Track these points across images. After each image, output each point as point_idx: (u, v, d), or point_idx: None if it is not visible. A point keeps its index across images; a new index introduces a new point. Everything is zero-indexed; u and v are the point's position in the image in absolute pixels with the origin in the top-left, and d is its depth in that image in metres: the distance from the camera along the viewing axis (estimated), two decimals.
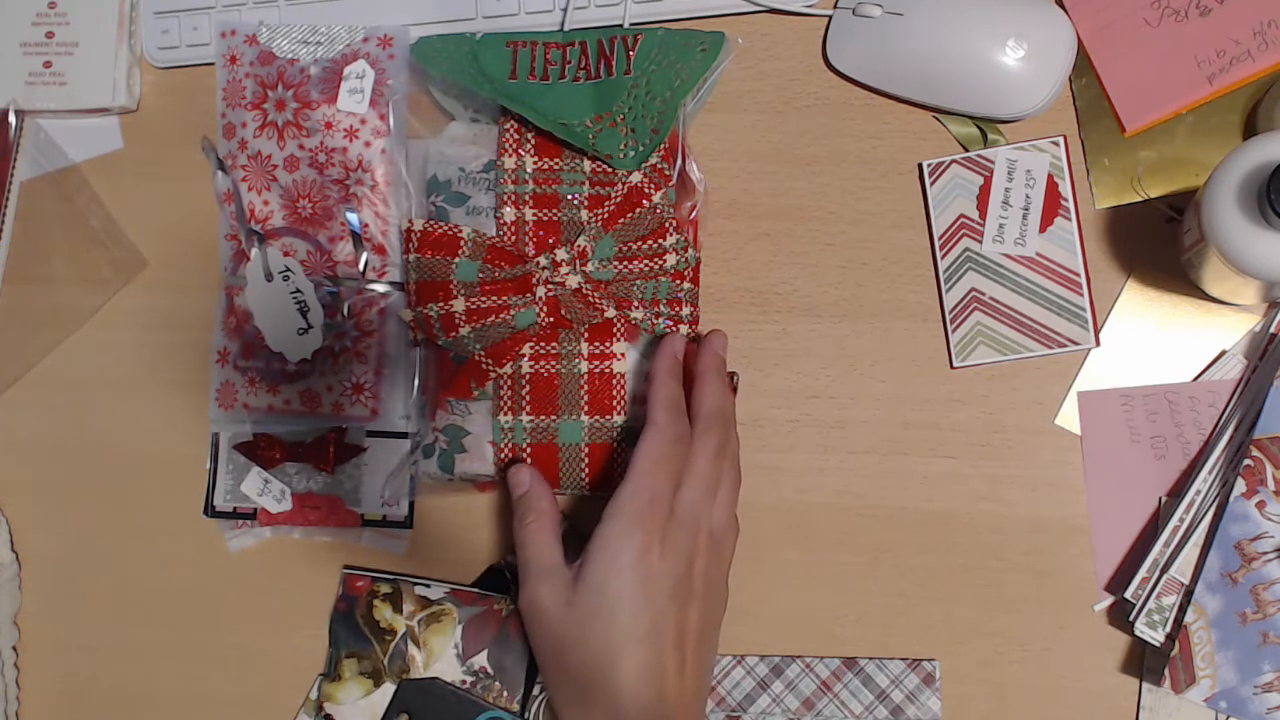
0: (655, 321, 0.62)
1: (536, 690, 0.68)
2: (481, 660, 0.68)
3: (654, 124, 0.61)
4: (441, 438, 0.62)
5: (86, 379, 0.76)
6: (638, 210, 0.61)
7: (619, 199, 0.61)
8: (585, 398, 0.60)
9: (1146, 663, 0.64)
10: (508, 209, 0.62)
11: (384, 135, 0.71)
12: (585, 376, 0.61)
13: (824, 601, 0.68)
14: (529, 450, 0.61)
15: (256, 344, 0.71)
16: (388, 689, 0.69)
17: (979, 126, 0.68)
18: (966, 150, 0.68)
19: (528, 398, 0.60)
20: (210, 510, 0.72)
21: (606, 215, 0.61)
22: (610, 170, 0.63)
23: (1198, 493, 0.63)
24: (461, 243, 0.62)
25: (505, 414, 0.61)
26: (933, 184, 0.68)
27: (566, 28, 0.71)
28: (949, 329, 0.67)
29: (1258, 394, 0.62)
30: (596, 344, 0.61)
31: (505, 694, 0.68)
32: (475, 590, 0.69)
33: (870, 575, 0.68)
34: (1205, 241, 0.57)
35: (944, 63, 0.66)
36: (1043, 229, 0.66)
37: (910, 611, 0.67)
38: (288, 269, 0.70)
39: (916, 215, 0.69)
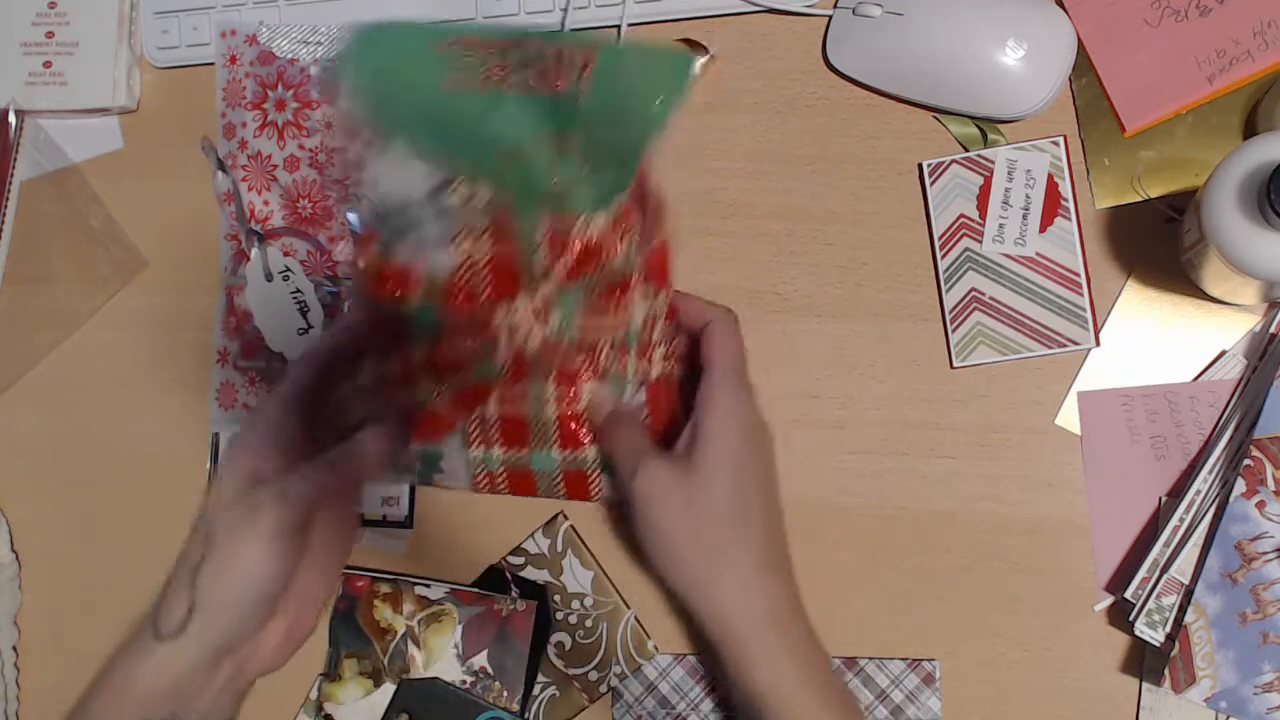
0: (625, 366, 0.56)
1: (537, 690, 0.68)
2: (481, 660, 0.68)
3: (614, 169, 0.53)
4: (418, 462, 0.59)
5: (86, 379, 0.76)
6: (600, 264, 0.54)
7: (579, 248, 0.54)
8: (555, 436, 0.57)
9: (1146, 663, 0.64)
10: (463, 242, 0.54)
11: None
12: (555, 420, 0.57)
13: (824, 601, 0.68)
14: (504, 477, 0.59)
15: (257, 344, 0.71)
16: (388, 689, 0.69)
17: (979, 126, 0.68)
18: (966, 150, 0.68)
19: (498, 435, 0.58)
20: None
21: (568, 267, 0.54)
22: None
23: (1198, 493, 0.63)
24: (415, 283, 0.55)
25: (476, 448, 0.58)
26: (933, 184, 0.68)
27: (567, 28, 0.71)
28: (949, 329, 0.67)
29: (1258, 394, 0.62)
30: (563, 387, 0.57)
31: (505, 694, 0.68)
32: (475, 590, 0.69)
33: (870, 575, 0.68)
34: (1205, 241, 0.57)
35: (944, 63, 0.66)
36: (1043, 229, 0.66)
37: (910, 611, 0.67)
38: (288, 269, 0.71)
39: (916, 215, 0.69)
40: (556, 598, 0.70)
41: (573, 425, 0.57)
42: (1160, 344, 0.66)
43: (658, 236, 0.56)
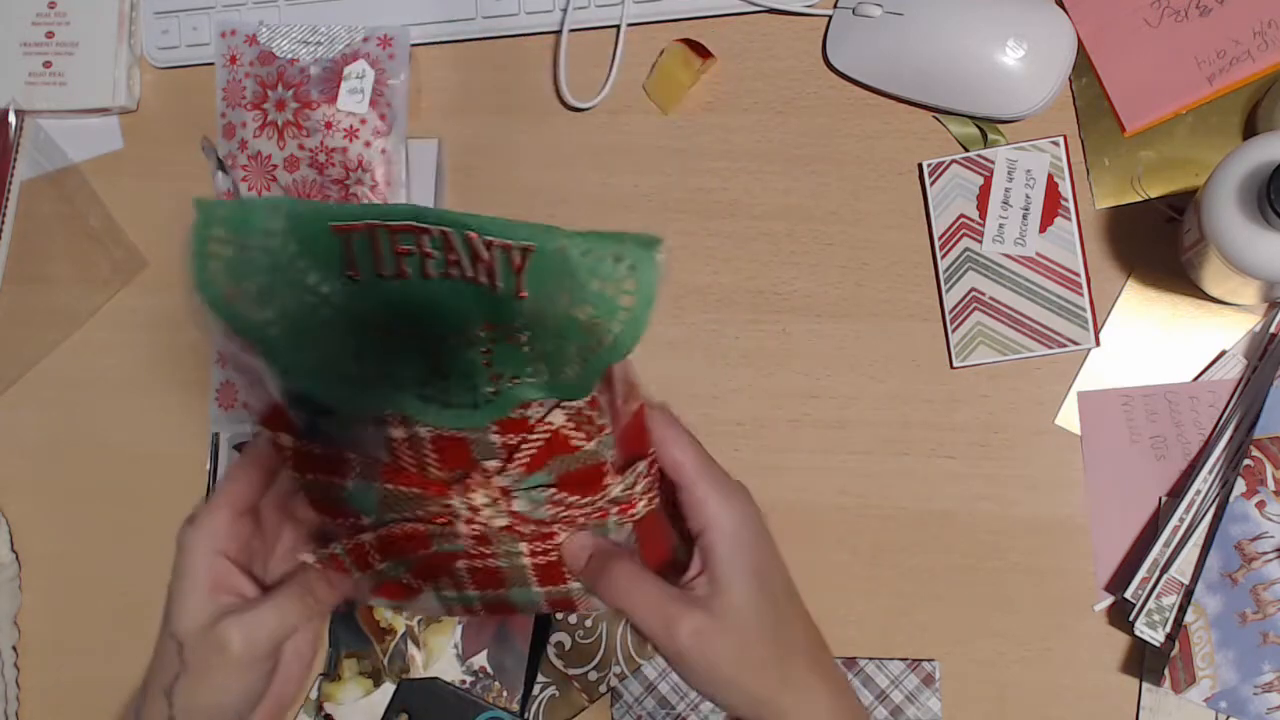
0: (604, 520, 0.49)
1: (537, 690, 0.68)
2: (481, 660, 0.68)
3: (570, 371, 0.42)
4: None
5: (86, 379, 0.76)
6: (564, 455, 0.45)
7: (540, 442, 0.45)
8: (534, 578, 0.51)
9: (1146, 663, 0.64)
10: (394, 427, 0.45)
11: (384, 135, 0.71)
12: (529, 568, 0.50)
13: (824, 601, 0.68)
14: (481, 609, 0.53)
15: None
16: (388, 689, 0.69)
17: (979, 126, 0.68)
18: (966, 150, 0.68)
19: (470, 581, 0.51)
20: None
21: (527, 460, 0.45)
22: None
23: (1198, 493, 0.63)
24: (348, 465, 0.46)
25: (449, 590, 0.52)
26: (933, 184, 0.68)
27: (567, 28, 0.71)
28: (949, 329, 0.67)
29: (1258, 394, 0.62)
30: (538, 544, 0.49)
31: (505, 694, 0.68)
32: None
33: (870, 575, 0.68)
34: (1205, 241, 0.57)
35: (944, 63, 0.66)
36: (1043, 229, 0.66)
37: (910, 611, 0.67)
38: None
39: (916, 215, 0.69)
40: None
41: (552, 569, 0.51)
42: (1160, 344, 0.66)
43: (629, 411, 0.47)
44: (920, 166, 0.68)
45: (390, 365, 0.43)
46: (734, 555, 0.50)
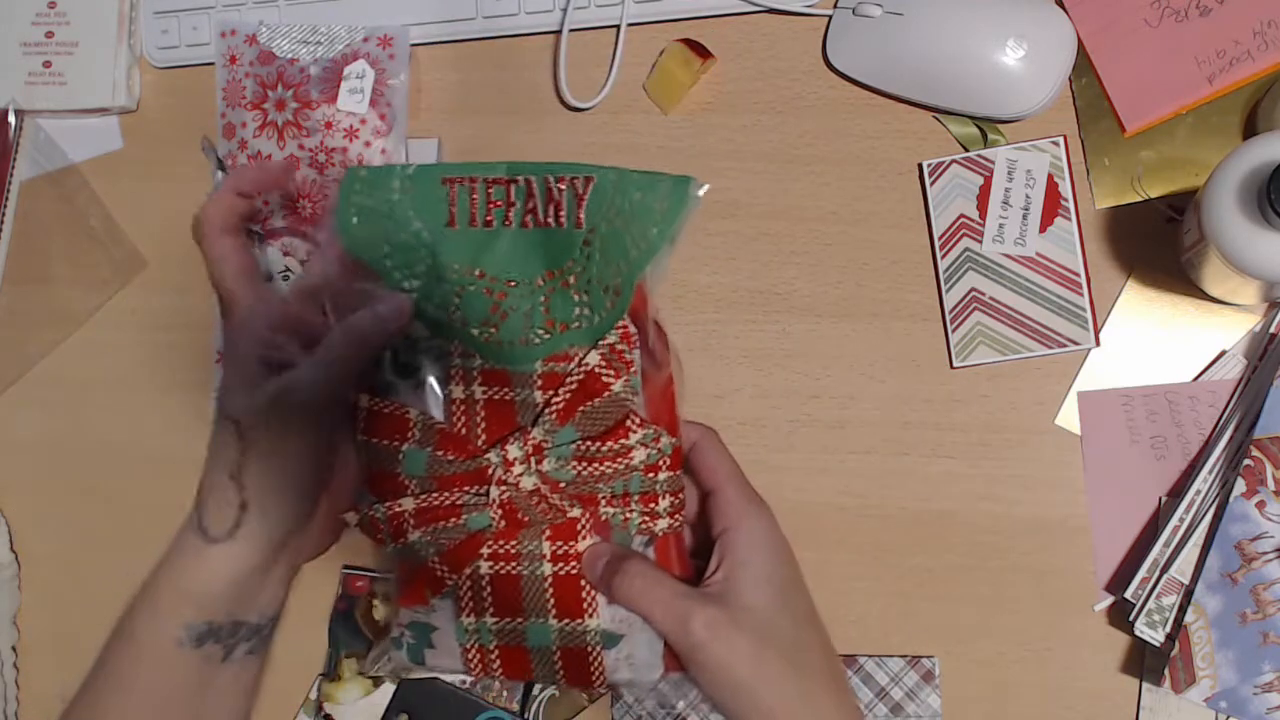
0: (628, 517, 0.52)
1: (536, 690, 0.68)
2: None
3: (609, 297, 0.51)
4: (408, 633, 0.55)
5: (86, 379, 0.76)
6: (596, 401, 0.51)
7: (574, 384, 0.51)
8: (552, 601, 0.52)
9: (1146, 663, 0.64)
10: (456, 385, 0.52)
11: (384, 135, 0.71)
12: (550, 579, 0.52)
13: (824, 601, 0.68)
14: (497, 654, 0.54)
15: None
16: (387, 689, 0.69)
17: (979, 126, 0.68)
18: (966, 150, 0.68)
19: (490, 600, 0.53)
20: None
21: (562, 405, 0.51)
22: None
23: (1198, 493, 0.63)
24: (410, 426, 0.52)
25: (468, 615, 0.53)
26: (933, 184, 0.68)
27: (567, 28, 0.71)
28: (949, 329, 0.67)
29: (1258, 394, 0.62)
30: (560, 544, 0.52)
31: (505, 694, 0.68)
32: None
33: (870, 575, 0.68)
34: (1205, 241, 0.57)
35: (944, 63, 0.66)
36: (1043, 229, 0.66)
37: (910, 611, 0.67)
38: (288, 269, 0.70)
39: (916, 215, 0.69)
40: None
41: (571, 589, 0.52)
42: (1160, 344, 0.66)
43: (661, 372, 0.53)
44: (920, 166, 0.68)
45: (464, 306, 0.51)
46: (753, 557, 0.51)
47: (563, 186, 0.50)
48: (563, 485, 0.51)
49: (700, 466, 0.53)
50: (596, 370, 0.51)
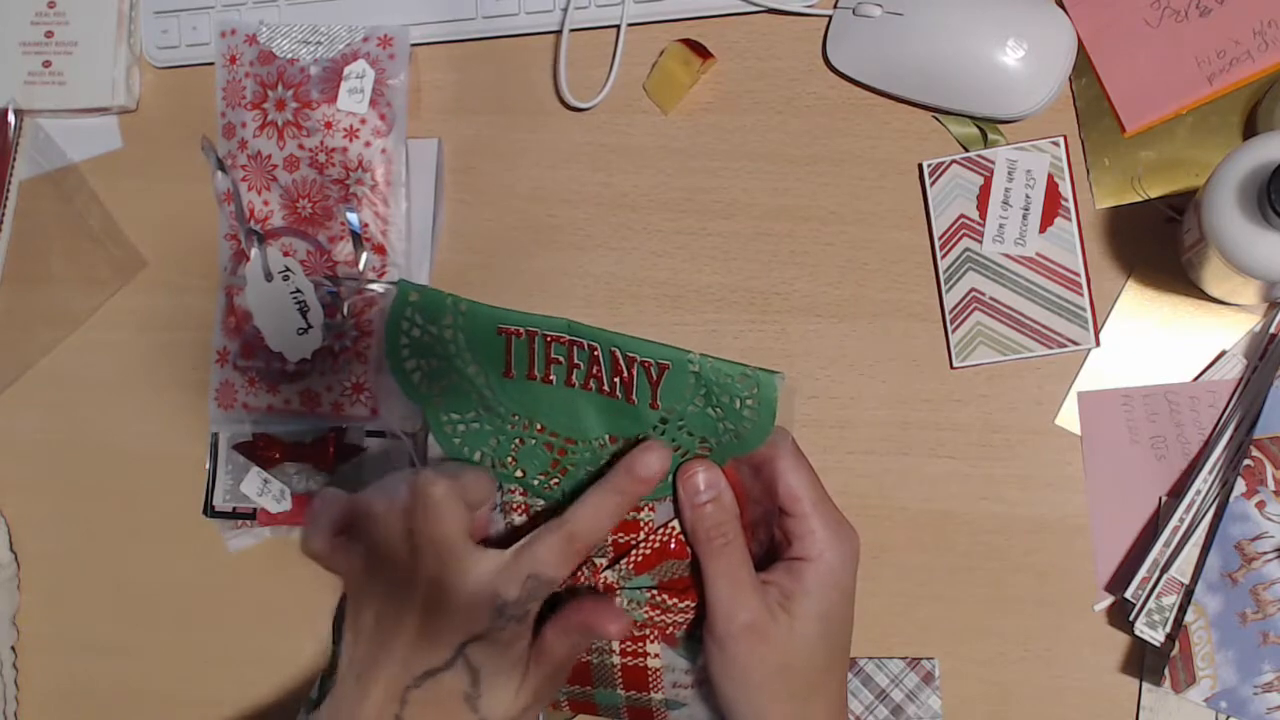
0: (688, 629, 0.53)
1: None
2: None
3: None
4: None
5: (86, 379, 0.76)
6: (676, 561, 0.51)
7: (658, 544, 0.51)
8: (620, 679, 0.54)
9: (1146, 663, 0.64)
10: (516, 515, 0.52)
11: (384, 135, 0.71)
12: (619, 668, 0.54)
13: None
14: (566, 704, 0.56)
15: (256, 344, 0.71)
16: None
17: (979, 126, 0.68)
18: (966, 150, 0.68)
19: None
20: (210, 510, 0.72)
21: (640, 559, 0.51)
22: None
23: (1198, 493, 0.63)
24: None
25: None
26: (933, 184, 0.68)
27: (567, 28, 0.71)
28: (949, 329, 0.67)
29: (1258, 394, 0.62)
30: (628, 643, 0.54)
31: None
32: None
33: (870, 575, 0.67)
34: (1205, 241, 0.57)
35: (944, 63, 0.66)
36: (1043, 229, 0.66)
37: (910, 611, 0.67)
38: (288, 269, 0.70)
39: (916, 215, 0.69)
40: None
41: (638, 675, 0.54)
42: (1160, 344, 0.66)
43: (760, 509, 0.52)
44: (920, 166, 0.68)
45: (522, 458, 0.51)
46: (820, 592, 0.52)
47: (633, 369, 0.48)
48: (634, 619, 0.52)
49: (779, 484, 0.52)
50: (670, 543, 0.51)
